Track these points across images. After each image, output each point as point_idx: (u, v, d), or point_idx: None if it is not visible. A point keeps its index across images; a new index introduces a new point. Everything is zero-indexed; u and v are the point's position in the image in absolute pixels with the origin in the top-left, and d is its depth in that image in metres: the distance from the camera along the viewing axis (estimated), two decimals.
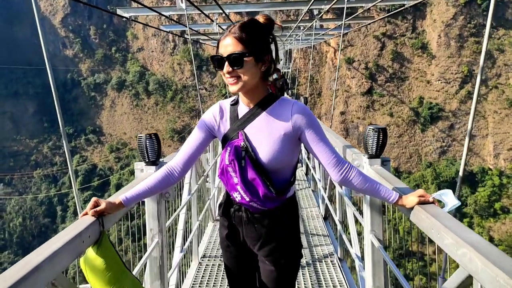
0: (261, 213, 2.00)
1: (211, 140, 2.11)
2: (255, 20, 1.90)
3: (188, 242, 3.92)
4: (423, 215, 1.85)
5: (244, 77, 1.84)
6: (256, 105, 1.95)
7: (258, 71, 1.88)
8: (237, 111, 2.00)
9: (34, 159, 61.01)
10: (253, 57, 1.83)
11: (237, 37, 1.81)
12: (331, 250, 4.54)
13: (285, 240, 2.06)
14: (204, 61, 57.51)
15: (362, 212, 3.14)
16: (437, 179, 45.45)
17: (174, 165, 2.04)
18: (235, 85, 1.85)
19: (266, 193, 1.89)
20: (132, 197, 1.97)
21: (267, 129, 1.92)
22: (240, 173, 1.89)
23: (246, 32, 1.83)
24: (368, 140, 2.78)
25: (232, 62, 1.81)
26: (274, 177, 1.93)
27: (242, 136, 1.93)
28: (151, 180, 2.01)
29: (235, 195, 1.94)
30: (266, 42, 1.91)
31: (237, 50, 1.81)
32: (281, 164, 1.93)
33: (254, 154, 1.90)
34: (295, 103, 1.93)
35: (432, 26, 50.03)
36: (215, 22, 12.18)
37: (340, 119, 50.53)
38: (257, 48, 1.85)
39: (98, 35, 63.59)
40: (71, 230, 1.71)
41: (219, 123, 2.03)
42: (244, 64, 1.82)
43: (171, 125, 58.55)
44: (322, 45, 50.99)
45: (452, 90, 48.41)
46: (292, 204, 2.11)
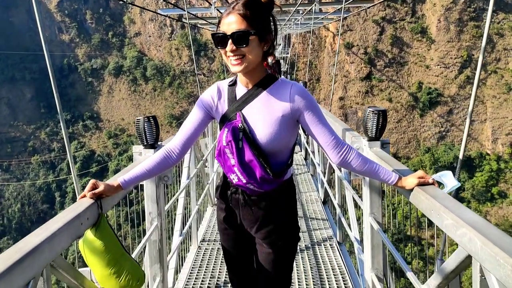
0: (258, 195, 1.98)
1: (209, 121, 2.08)
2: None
3: (187, 226, 3.92)
4: (422, 196, 1.84)
5: (248, 56, 1.80)
6: (255, 86, 1.92)
7: (261, 51, 1.85)
8: (235, 92, 1.97)
9: (32, 145, 60.92)
10: (257, 36, 1.79)
11: (241, 14, 1.77)
12: (330, 233, 4.56)
13: (283, 222, 2.05)
14: (202, 46, 57.09)
15: (361, 196, 3.15)
16: (435, 164, 45.60)
17: (173, 147, 2.02)
18: (239, 65, 1.81)
19: (263, 175, 1.87)
20: (131, 179, 1.96)
21: (266, 110, 1.89)
22: (238, 155, 1.86)
23: (250, 9, 1.78)
24: (368, 122, 2.77)
25: (237, 40, 1.76)
26: (272, 159, 1.91)
27: (240, 117, 1.90)
28: (149, 162, 2.00)
29: (232, 177, 1.92)
30: (268, 21, 1.88)
31: (242, 28, 1.76)
32: (278, 146, 1.91)
33: (251, 135, 1.88)
34: (294, 85, 1.91)
35: (432, 10, 49.62)
36: (213, 5, 12.04)
37: (339, 105, 50.43)
38: (261, 27, 1.82)
39: (94, 20, 62.94)
40: (69, 212, 1.70)
41: (217, 103, 2.00)
42: (249, 43, 1.77)
43: (169, 110, 58.38)
44: (321, 30, 50.61)
45: (451, 75, 48.26)
46: (290, 186, 2.09)
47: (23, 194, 57.38)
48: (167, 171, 2.83)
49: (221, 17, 1.84)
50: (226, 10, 1.83)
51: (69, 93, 61.05)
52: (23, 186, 57.84)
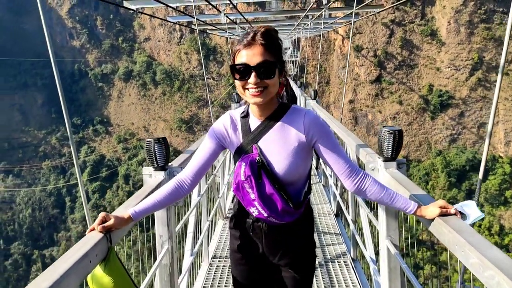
0: (278, 225, 1.97)
1: (222, 151, 2.04)
2: (270, 29, 1.81)
3: (198, 243, 3.87)
4: (445, 228, 1.76)
5: (270, 88, 1.77)
6: (268, 118, 1.88)
7: (278, 82, 1.83)
8: (248, 123, 1.93)
9: (43, 150, 61.48)
10: (278, 68, 1.78)
11: (265, 46, 1.74)
12: (343, 249, 4.46)
13: (305, 246, 2.09)
14: (211, 50, 57.27)
15: (376, 214, 3.06)
16: (447, 167, 45.14)
17: (184, 178, 1.98)
18: (259, 96, 1.77)
19: (285, 207, 1.86)
20: (141, 211, 1.90)
21: (281, 141, 1.87)
22: (258, 189, 1.84)
23: (271, 40, 1.76)
24: (384, 142, 2.69)
25: (263, 72, 1.73)
26: (291, 189, 1.90)
27: (257, 150, 1.87)
28: (161, 194, 1.95)
29: (252, 210, 1.91)
30: (282, 52, 1.86)
31: (267, 59, 1.73)
32: (297, 175, 1.90)
33: (270, 168, 1.85)
34: (306, 113, 1.88)
35: (442, 12, 49.23)
36: (223, 12, 12.03)
37: (349, 108, 50.23)
38: (280, 58, 1.80)
39: (105, 26, 63.49)
40: (77, 249, 1.64)
41: (231, 135, 1.96)
42: (274, 75, 1.76)
43: (179, 114, 58.58)
44: (330, 33, 50.47)
45: (462, 77, 47.82)
46: (309, 214, 2.10)
47: (34, 199, 57.89)
48: None
49: (237, 48, 1.79)
50: (243, 41, 1.77)
51: (79, 98, 61.59)
52: (34, 191, 58.36)
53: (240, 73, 1.76)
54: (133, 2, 11.07)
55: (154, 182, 2.62)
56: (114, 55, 63.24)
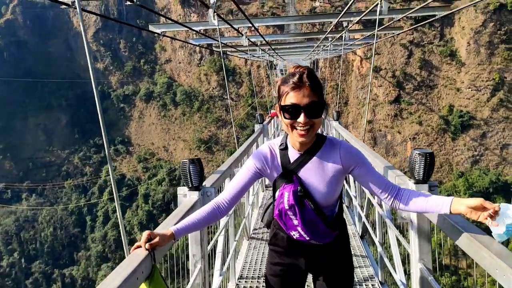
0: (319, 245, 2.13)
1: (258, 178, 2.21)
2: (312, 69, 1.98)
3: (226, 264, 3.89)
4: (485, 253, 1.77)
5: (316, 126, 1.92)
6: (307, 151, 2.04)
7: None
8: (287, 155, 2.07)
9: (65, 170, 62.54)
10: (323, 106, 1.93)
11: (312, 87, 1.87)
12: (371, 272, 4.42)
13: (344, 263, 2.26)
14: (230, 71, 57.99)
15: (406, 237, 3.05)
16: (469, 190, 44.17)
17: (222, 201, 2.09)
18: (306, 135, 1.91)
19: (325, 230, 2.04)
20: (183, 229, 1.99)
21: (320, 172, 2.02)
22: (301, 216, 2.00)
23: (317, 81, 1.91)
24: (415, 165, 2.71)
25: (312, 112, 1.87)
26: (326, 211, 2.07)
27: (297, 181, 2.02)
28: (199, 214, 2.05)
29: (293, 233, 2.07)
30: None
31: (315, 100, 1.87)
32: (332, 200, 2.09)
33: (311, 196, 2.02)
34: (341, 145, 2.05)
35: (461, 33, 49.02)
36: (245, 35, 12.26)
37: (368, 128, 49.93)
38: (323, 98, 1.95)
39: (127, 48, 65.07)
40: (125, 266, 1.70)
41: (271, 166, 2.10)
42: (321, 114, 1.92)
43: (198, 135, 59.08)
44: (348, 54, 50.67)
45: (483, 98, 47.19)
46: (344, 232, 2.27)
47: (55, 218, 58.61)
48: None
49: (285, 89, 1.91)
50: (290, 82, 1.89)
51: None
52: (55, 210, 59.15)
53: (290, 113, 1.88)
54: (158, 26, 11.39)
55: (189, 202, 2.69)
56: (136, 77, 64.58)
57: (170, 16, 58.04)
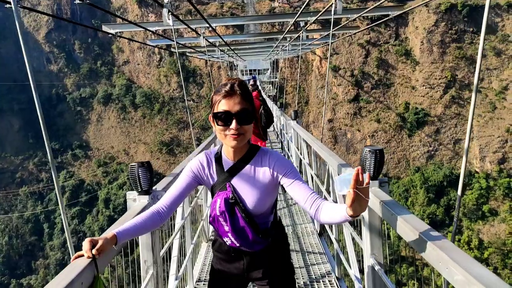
0: (253, 252, 2.19)
1: (196, 186, 2.21)
2: (242, 80, 2.05)
3: (183, 267, 3.82)
4: (429, 246, 1.79)
5: (247, 133, 2.00)
6: (240, 160, 2.10)
7: (252, 128, 2.04)
8: (222, 164, 2.14)
9: (20, 176, 60.02)
10: (254, 115, 2.00)
11: (242, 96, 1.96)
12: (328, 269, 4.46)
13: (281, 270, 2.29)
14: (190, 72, 57.48)
15: (360, 233, 3.09)
16: (425, 184, 45.82)
17: (161, 207, 2.10)
18: (237, 140, 1.97)
19: (255, 238, 2.08)
20: (125, 232, 1.93)
21: (251, 180, 2.09)
22: (231, 223, 2.06)
23: (247, 90, 2.00)
24: (365, 162, 2.73)
25: (242, 119, 1.94)
26: (258, 220, 2.11)
27: (230, 188, 2.08)
28: (140, 219, 2.02)
29: (225, 240, 2.12)
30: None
31: (245, 108, 1.95)
32: (264, 208, 2.12)
33: (242, 204, 2.07)
34: (271, 154, 2.12)
35: (415, 33, 50.78)
36: (202, 35, 12.15)
37: (328, 127, 50.80)
38: (254, 106, 2.02)
39: (83, 50, 63.20)
40: (63, 277, 1.61)
41: (207, 173, 2.16)
42: (251, 121, 1.99)
43: (159, 137, 58.22)
44: (307, 54, 51.38)
45: (436, 95, 49.07)
46: (280, 240, 2.30)
47: (10, 227, 56.16)
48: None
49: (217, 98, 1.99)
50: (222, 91, 1.97)
51: (57, 122, 60.64)
52: (10, 219, 56.67)
53: (222, 120, 1.95)
54: (112, 26, 11.10)
55: (138, 207, 2.60)
56: (93, 79, 62.83)
57: (127, 16, 56.85)
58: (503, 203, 43.65)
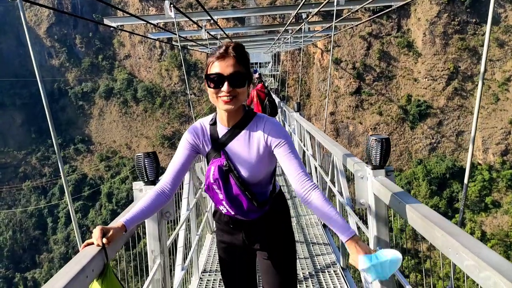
0: (250, 221, 2.16)
1: (195, 156, 2.19)
2: (240, 44, 2.00)
3: (188, 258, 3.83)
4: (438, 232, 1.79)
5: (240, 96, 1.94)
6: (235, 126, 2.06)
7: (247, 92, 2.01)
8: (216, 130, 2.10)
9: (23, 171, 60.19)
10: (248, 78, 1.95)
11: (236, 58, 1.91)
12: (333, 259, 4.47)
13: (282, 234, 2.27)
14: (192, 66, 57.34)
15: (365, 222, 3.08)
16: (428, 176, 45.79)
17: (163, 185, 2.10)
18: (230, 103, 1.93)
19: (250, 206, 2.05)
20: (132, 219, 1.95)
21: (246, 146, 2.05)
22: (225, 190, 2.03)
23: (241, 53, 1.94)
24: (371, 150, 2.72)
25: (235, 81, 1.90)
26: (255, 189, 2.08)
27: (224, 155, 2.05)
28: (145, 201, 2.04)
29: (221, 208, 2.10)
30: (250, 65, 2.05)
31: (238, 70, 1.91)
32: (260, 177, 2.09)
33: (236, 172, 2.03)
34: (267, 120, 2.06)
35: (417, 24, 50.47)
36: (204, 28, 12.10)
37: (330, 120, 50.71)
38: (249, 70, 1.99)
39: (84, 44, 63.07)
40: (73, 265, 1.62)
41: (202, 141, 2.13)
42: (245, 84, 1.94)
43: (161, 131, 58.23)
44: (309, 46, 51.15)
45: (439, 87, 48.87)
46: (278, 209, 2.25)
47: (14, 221, 56.43)
48: (169, 207, 2.81)
49: (211, 60, 1.95)
50: (216, 53, 1.94)
51: (59, 117, 60.67)
52: (14, 213, 56.93)
53: (214, 82, 1.92)
54: (113, 20, 11.06)
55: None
56: (94, 73, 62.75)
57: (127, 10, 56.65)
58: (506, 195, 43.62)
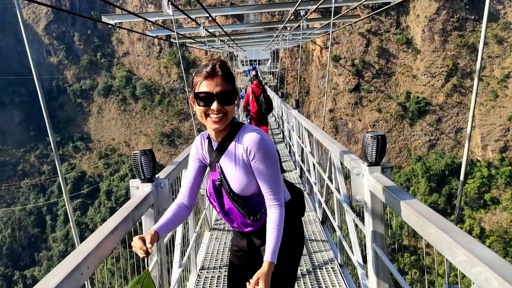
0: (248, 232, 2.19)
1: (206, 167, 2.23)
2: (224, 61, 2.02)
3: (186, 255, 3.84)
4: (431, 229, 1.80)
5: (229, 114, 1.97)
6: (223, 139, 2.07)
7: (234, 109, 2.02)
8: (212, 144, 2.15)
9: (22, 169, 60.19)
10: (235, 95, 1.99)
11: (224, 77, 1.93)
12: (331, 256, 4.49)
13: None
14: (190, 63, 57.29)
15: (362, 219, 3.09)
16: (427, 173, 45.86)
17: (181, 200, 2.19)
18: (219, 122, 1.95)
19: (243, 220, 2.08)
20: (163, 227, 2.05)
21: (234, 160, 2.04)
22: (219, 204, 2.09)
23: (227, 72, 1.96)
24: (367, 147, 2.73)
25: (224, 99, 1.92)
26: (248, 202, 2.06)
27: (218, 169, 2.07)
28: (168, 213, 2.13)
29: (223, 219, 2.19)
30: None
31: (226, 89, 1.93)
32: (250, 191, 2.05)
33: (228, 185, 2.04)
34: (249, 132, 2.01)
35: (416, 21, 50.43)
36: (202, 25, 12.08)
37: (329, 117, 50.73)
38: (235, 87, 2.02)
39: (82, 41, 62.97)
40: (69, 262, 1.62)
41: (202, 155, 2.20)
42: (233, 101, 1.98)
43: (160, 128, 58.22)
44: (308, 43, 51.13)
45: (438, 84, 48.89)
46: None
47: (13, 219, 56.46)
48: (166, 204, 2.81)
49: (198, 79, 1.96)
50: (203, 72, 1.95)
51: (58, 115, 60.65)
52: (13, 211, 56.95)
53: (203, 100, 1.93)
54: (112, 17, 11.03)
55: (141, 194, 2.61)
56: (93, 71, 62.68)
57: (126, 8, 56.48)
58: (505, 191, 43.73)
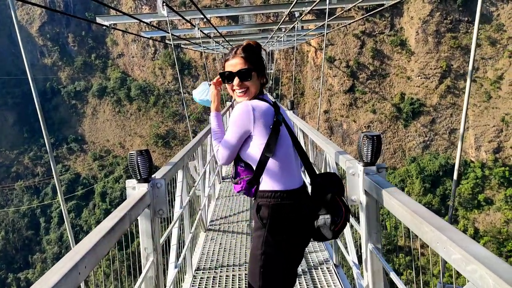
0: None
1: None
2: (250, 44, 2.42)
3: (181, 256, 3.84)
4: (426, 227, 1.82)
5: (251, 88, 2.35)
6: None
7: (259, 83, 2.40)
8: None
9: (15, 171, 59.78)
10: (256, 72, 2.36)
11: (243, 57, 2.34)
12: (326, 256, 4.50)
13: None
14: (185, 65, 57.20)
15: (357, 219, 3.11)
16: (421, 174, 46.02)
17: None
18: (243, 96, 2.36)
19: (232, 174, 2.50)
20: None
21: None
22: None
23: (248, 52, 2.36)
24: (363, 147, 2.74)
25: (242, 76, 2.32)
26: (236, 166, 2.47)
27: None
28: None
29: None
30: (262, 60, 2.44)
31: (245, 67, 2.32)
32: (238, 156, 2.44)
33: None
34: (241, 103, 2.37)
35: (410, 23, 50.66)
36: (197, 27, 12.09)
37: (324, 118, 50.82)
38: (258, 65, 2.38)
39: (77, 43, 62.70)
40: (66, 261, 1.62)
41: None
42: (251, 78, 2.33)
43: (155, 130, 58.05)
44: (303, 45, 51.21)
45: (432, 85, 49.10)
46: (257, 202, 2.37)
47: (7, 221, 56.04)
48: (162, 204, 2.80)
49: (225, 60, 2.42)
50: (228, 55, 2.41)
51: (52, 116, 60.30)
52: (6, 213, 56.54)
53: (227, 77, 2.37)
54: (106, 18, 11.02)
55: (138, 195, 2.60)
56: (87, 72, 62.42)
57: (120, 9, 56.38)
58: (499, 192, 43.95)
